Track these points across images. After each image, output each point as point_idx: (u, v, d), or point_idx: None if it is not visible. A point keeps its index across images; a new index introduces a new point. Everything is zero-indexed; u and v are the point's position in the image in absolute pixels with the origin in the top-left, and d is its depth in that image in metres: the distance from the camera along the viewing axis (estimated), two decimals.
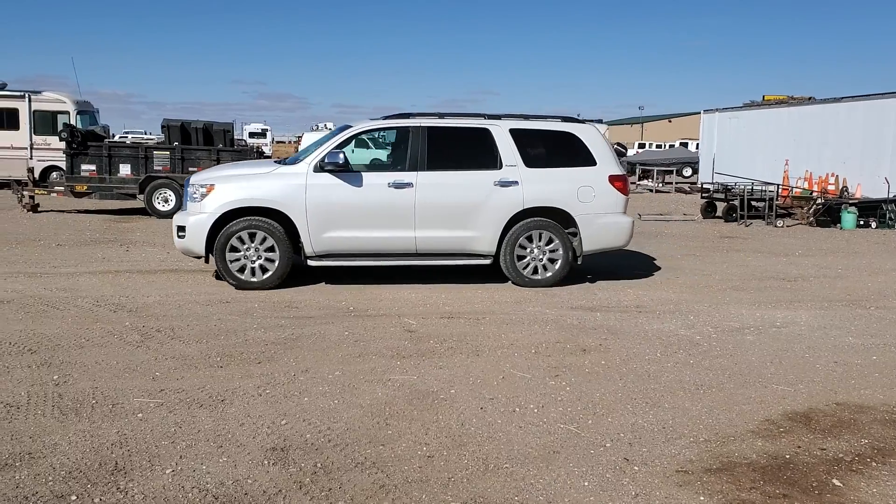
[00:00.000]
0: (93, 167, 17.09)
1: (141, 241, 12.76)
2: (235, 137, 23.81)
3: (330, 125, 61.76)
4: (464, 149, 9.10)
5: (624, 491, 3.83)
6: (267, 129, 62.45)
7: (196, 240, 8.59)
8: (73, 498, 3.60)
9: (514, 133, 9.10)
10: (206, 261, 8.87)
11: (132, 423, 4.56)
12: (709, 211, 19.46)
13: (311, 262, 8.85)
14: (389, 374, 5.61)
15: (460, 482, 3.87)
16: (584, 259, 9.30)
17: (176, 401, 4.96)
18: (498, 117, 9.26)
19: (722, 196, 19.43)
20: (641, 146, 53.91)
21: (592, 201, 9.05)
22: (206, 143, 17.82)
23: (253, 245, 8.60)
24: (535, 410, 4.93)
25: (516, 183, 8.92)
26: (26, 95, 23.81)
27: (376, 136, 8.20)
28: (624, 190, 9.27)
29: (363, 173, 8.91)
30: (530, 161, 9.05)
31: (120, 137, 48.49)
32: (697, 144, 34.19)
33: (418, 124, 9.03)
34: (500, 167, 8.97)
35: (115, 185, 17.10)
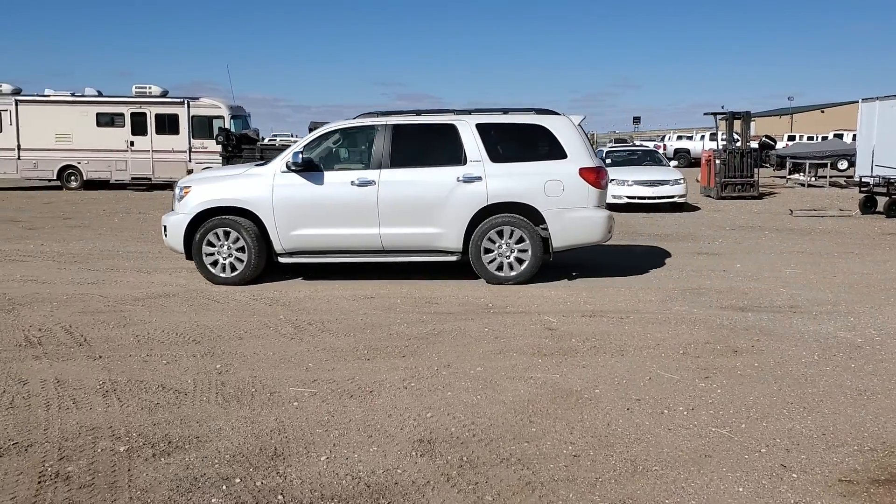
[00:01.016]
0: None
1: None
2: None
3: None
4: (429, 146, 9.10)
5: (782, 499, 3.65)
6: None
7: (176, 238, 9.06)
8: (237, 480, 3.82)
9: (481, 128, 8.97)
10: (188, 257, 9.14)
11: (288, 411, 4.79)
12: (868, 206, 18.18)
13: (281, 260, 9.09)
14: (531, 372, 5.60)
15: (608, 483, 3.81)
16: (561, 254, 9.20)
17: (328, 391, 5.16)
18: (468, 112, 9.14)
19: (883, 190, 18.10)
20: (791, 138, 51.10)
21: (561, 195, 8.79)
22: None
23: (227, 243, 8.95)
24: (685, 413, 4.78)
25: (480, 178, 8.81)
26: (185, 102, 25.46)
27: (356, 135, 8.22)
28: (597, 183, 8.89)
29: (327, 172, 9.00)
30: (497, 156, 8.91)
31: (269, 140, 50.93)
32: (854, 136, 31.97)
33: (384, 123, 9.09)
34: (465, 163, 8.87)
35: None
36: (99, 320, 7.14)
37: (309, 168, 8.95)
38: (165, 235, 9.22)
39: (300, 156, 8.83)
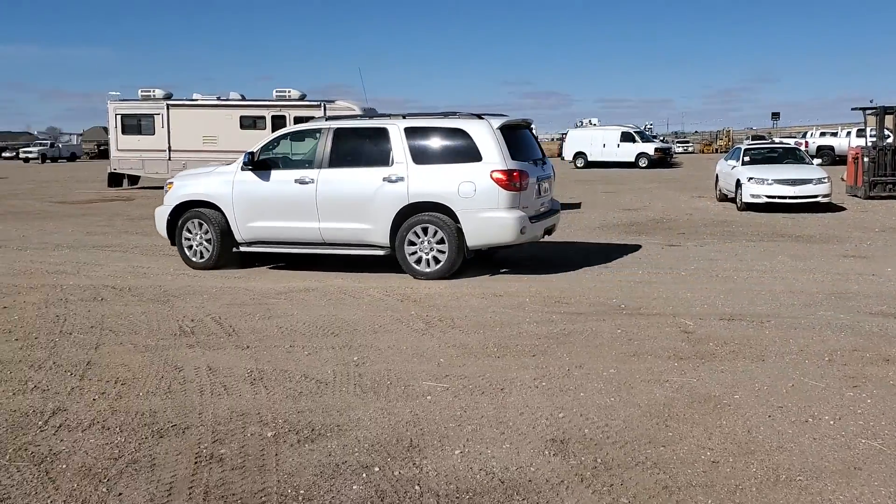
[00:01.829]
0: None
1: None
2: None
3: (595, 121, 61.50)
4: (364, 147, 9.71)
5: None
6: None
7: (160, 226, 10.45)
8: (376, 469, 3.97)
9: (409, 131, 9.43)
10: (171, 243, 10.40)
11: (423, 404, 4.92)
12: None
13: (242, 248, 10.06)
14: (667, 375, 5.49)
15: (748, 491, 3.70)
16: (484, 253, 9.70)
17: (460, 386, 5.26)
18: (403, 117, 9.68)
19: None
20: None
21: (473, 196, 9.05)
22: None
23: (199, 232, 10.06)
24: (831, 422, 4.56)
25: (402, 179, 9.25)
26: (322, 104, 26.41)
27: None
28: (508, 186, 9.01)
29: (276, 171, 9.86)
30: (420, 158, 9.32)
31: None
32: None
33: (327, 126, 9.85)
34: (391, 164, 9.35)
35: None
36: (245, 312, 7.55)
37: (263, 167, 9.88)
38: (156, 224, 10.59)
39: (250, 155, 9.85)
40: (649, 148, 41.73)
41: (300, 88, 27.31)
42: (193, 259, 10.14)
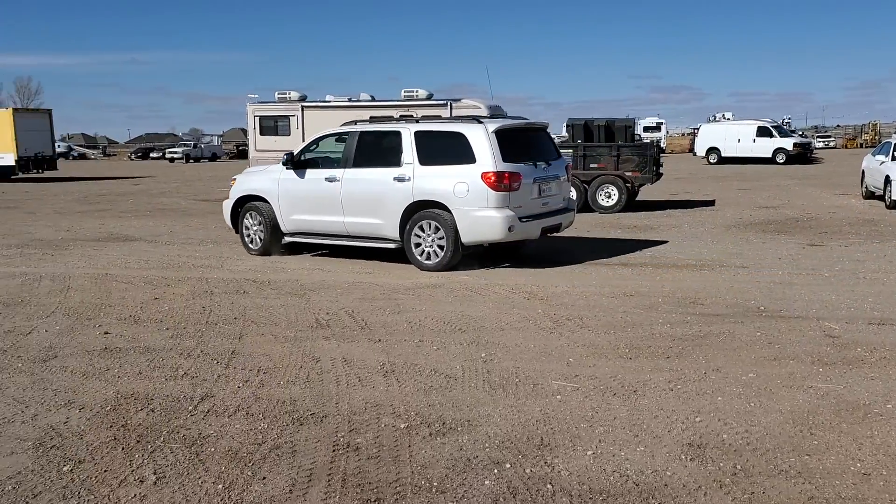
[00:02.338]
0: None
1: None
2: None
3: (728, 115, 59.12)
4: (382, 150, 10.32)
5: None
6: (661, 123, 61.91)
7: (226, 216, 11.81)
8: (508, 466, 3.98)
9: (417, 135, 10.02)
10: (235, 232, 11.65)
11: (552, 403, 4.89)
12: None
13: (286, 238, 11.14)
14: (810, 381, 5.22)
15: None
16: (480, 249, 10.10)
17: (590, 387, 5.19)
18: (417, 121, 10.53)
19: None
20: None
21: (467, 196, 9.53)
22: (608, 139, 18.25)
23: (255, 223, 11.31)
24: None
25: (409, 179, 9.87)
26: (448, 103, 26.70)
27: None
28: (495, 186, 9.41)
29: (310, 170, 10.81)
30: (426, 159, 9.88)
31: None
32: None
33: (353, 130, 10.64)
34: (401, 165, 9.99)
35: None
36: (376, 307, 7.75)
37: (302, 166, 10.85)
38: (223, 215, 11.96)
39: (290, 155, 10.91)
40: (787, 143, 39.75)
41: (427, 88, 27.70)
42: (251, 246, 11.42)
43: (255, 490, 3.74)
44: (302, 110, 28.03)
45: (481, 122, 9.93)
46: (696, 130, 55.34)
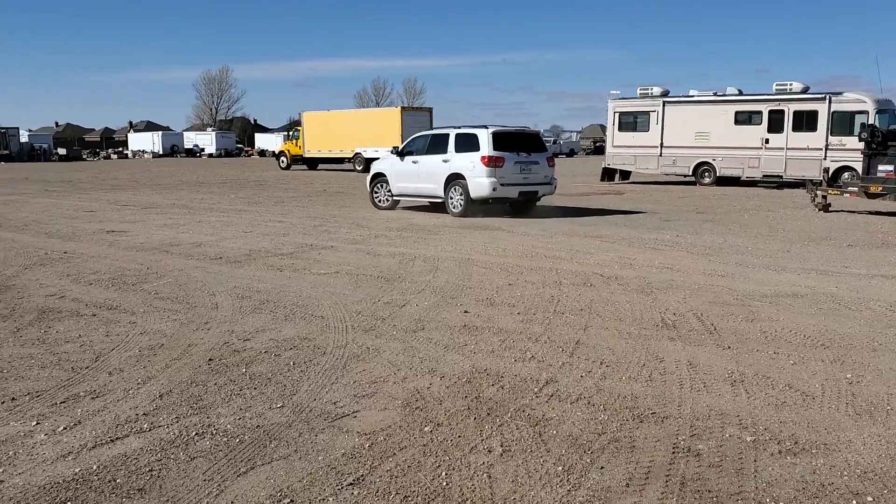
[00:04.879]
0: (890, 168, 16.48)
1: None
2: None
3: None
4: (441, 144, 16.90)
5: None
6: None
7: (368, 185, 19.07)
8: (869, 499, 3.58)
9: (457, 135, 16.69)
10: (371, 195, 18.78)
11: None
12: None
13: (395, 197, 18.16)
14: None
15: None
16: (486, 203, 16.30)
17: None
18: (457, 128, 17.09)
19: None
20: None
21: (474, 170, 16.02)
22: None
23: (383, 189, 18.34)
24: None
25: (449, 161, 16.51)
26: (826, 97, 24.37)
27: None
28: (487, 164, 15.83)
29: (406, 156, 17.62)
30: (459, 150, 16.48)
31: None
32: None
33: (427, 133, 18.11)
34: (447, 153, 16.64)
35: None
36: (727, 312, 7.40)
37: (401, 155, 17.88)
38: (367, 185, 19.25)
39: (396, 149, 18.43)
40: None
41: (802, 81, 25.55)
42: (379, 204, 18.41)
43: (593, 478, 3.83)
44: (663, 106, 27.66)
45: (486, 128, 16.36)
46: None
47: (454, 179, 16.35)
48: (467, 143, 16.25)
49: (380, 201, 18.34)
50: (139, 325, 6.93)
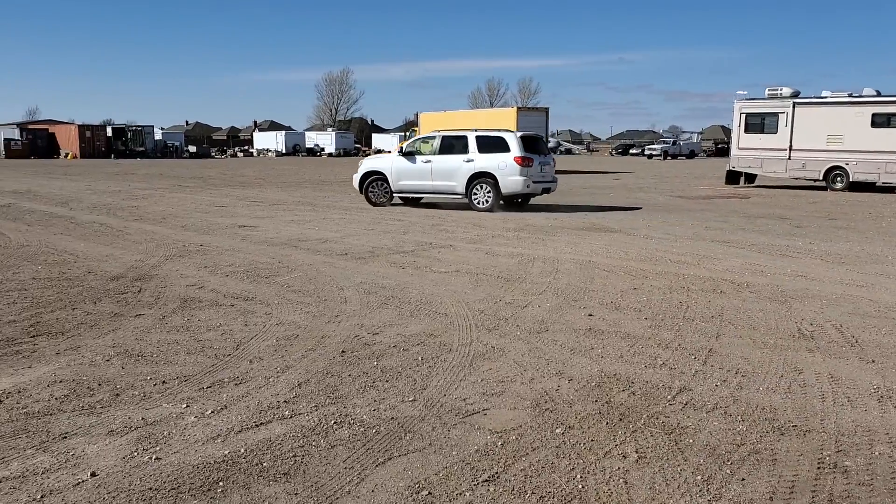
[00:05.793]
0: None
1: None
2: None
3: None
4: (457, 144, 18.28)
5: None
6: None
7: (356, 184, 19.93)
8: None
9: (477, 137, 18.04)
10: (360, 192, 19.85)
11: None
12: None
13: (394, 195, 19.15)
14: None
15: None
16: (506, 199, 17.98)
17: None
18: (474, 130, 18.42)
19: None
20: None
21: (505, 169, 17.48)
22: None
23: (380, 187, 19.21)
24: None
25: (472, 161, 17.83)
26: None
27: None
28: (521, 163, 17.34)
29: (414, 155, 18.72)
30: (482, 150, 17.84)
31: None
32: None
33: (437, 134, 18.96)
34: (468, 153, 17.95)
35: None
36: (869, 324, 7.03)
37: (406, 154, 18.80)
38: (354, 183, 20.10)
39: (399, 148, 19.64)
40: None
41: None
42: (374, 200, 19.26)
43: (734, 489, 3.73)
44: (793, 107, 26.46)
45: (512, 132, 18.15)
46: None
47: (480, 177, 17.77)
48: (493, 145, 17.71)
49: (375, 197, 19.33)
50: (274, 316, 7.24)
